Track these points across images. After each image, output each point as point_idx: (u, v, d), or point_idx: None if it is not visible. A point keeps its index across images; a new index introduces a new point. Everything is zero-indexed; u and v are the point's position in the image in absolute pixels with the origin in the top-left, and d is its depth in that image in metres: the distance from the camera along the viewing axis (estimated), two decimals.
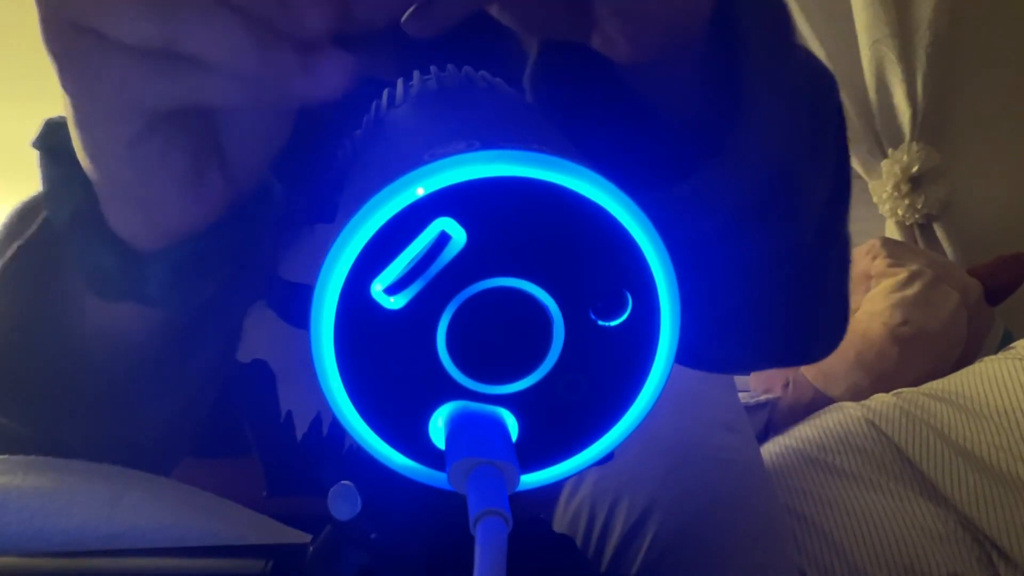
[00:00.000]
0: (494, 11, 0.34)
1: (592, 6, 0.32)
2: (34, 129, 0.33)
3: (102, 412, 0.39)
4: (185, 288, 0.33)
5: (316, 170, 0.37)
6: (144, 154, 0.28)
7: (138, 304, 0.33)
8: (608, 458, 0.25)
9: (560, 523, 0.71)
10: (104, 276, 0.32)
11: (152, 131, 0.27)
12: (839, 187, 0.43)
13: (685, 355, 0.50)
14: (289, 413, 0.45)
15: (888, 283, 1.23)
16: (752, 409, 1.17)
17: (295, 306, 0.44)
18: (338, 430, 0.43)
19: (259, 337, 0.44)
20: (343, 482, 0.28)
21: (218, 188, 0.30)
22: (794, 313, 0.45)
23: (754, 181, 0.36)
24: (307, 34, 0.25)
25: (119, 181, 0.29)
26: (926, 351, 1.18)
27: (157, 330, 0.36)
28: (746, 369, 1.15)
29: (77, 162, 0.30)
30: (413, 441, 0.24)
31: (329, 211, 0.26)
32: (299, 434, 0.44)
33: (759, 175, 0.36)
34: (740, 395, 0.94)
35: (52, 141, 0.32)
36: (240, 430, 0.47)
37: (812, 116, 0.39)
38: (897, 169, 1.49)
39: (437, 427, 0.23)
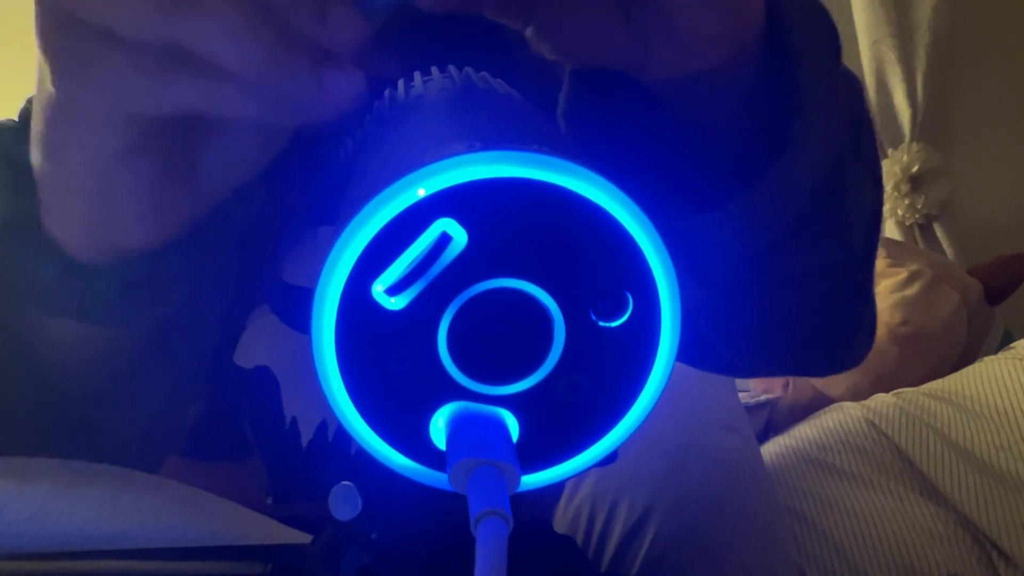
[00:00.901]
0: (531, 39, 0.32)
1: (650, 23, 0.30)
2: None
3: (64, 430, 0.37)
4: (130, 308, 0.31)
5: (317, 171, 0.37)
6: (123, 166, 0.26)
7: (76, 321, 0.31)
8: (611, 459, 0.25)
9: (560, 523, 0.71)
10: (42, 289, 0.30)
11: (137, 146, 0.26)
12: (876, 192, 0.43)
13: (717, 363, 0.50)
14: (294, 419, 0.44)
15: (888, 283, 1.23)
16: (752, 409, 1.17)
17: (298, 310, 0.44)
18: (343, 436, 0.43)
19: (263, 343, 0.44)
20: (343, 482, 0.28)
21: (182, 208, 0.29)
22: (833, 325, 0.45)
23: (806, 194, 0.35)
24: (335, 48, 0.24)
25: (83, 191, 0.27)
26: (926, 351, 1.18)
27: (116, 347, 0.35)
28: (777, 375, 1.15)
29: (15, 167, 0.29)
30: (414, 441, 0.24)
31: (330, 213, 0.25)
32: (304, 440, 0.44)
33: (811, 187, 0.35)
34: (740, 395, 0.94)
35: None
36: (242, 433, 0.47)
37: (853, 124, 0.38)
38: (897, 169, 1.49)
39: (438, 428, 0.23)
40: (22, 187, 0.29)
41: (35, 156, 0.28)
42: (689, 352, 0.49)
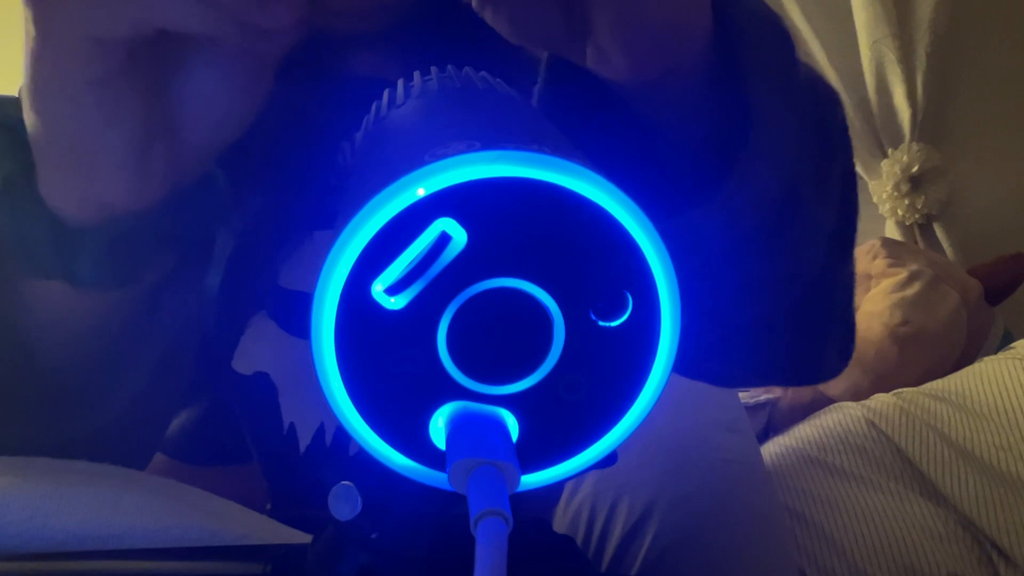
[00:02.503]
0: (488, 18, 0.33)
1: (588, 19, 0.31)
2: None
3: (41, 410, 0.38)
4: (115, 271, 0.32)
5: (316, 175, 0.37)
6: (98, 104, 0.27)
7: (65, 283, 0.32)
8: (611, 460, 0.25)
9: (560, 523, 0.71)
10: (32, 250, 0.31)
11: (111, 77, 0.27)
12: (846, 207, 0.43)
13: (692, 369, 0.50)
14: (292, 425, 0.44)
15: (888, 283, 1.23)
16: (752, 409, 1.17)
17: (296, 315, 0.44)
18: (342, 440, 0.43)
19: (261, 349, 0.44)
20: (343, 482, 0.28)
21: (162, 165, 0.30)
22: (803, 334, 0.45)
23: (761, 204, 0.35)
24: None
25: (67, 135, 0.29)
26: (926, 351, 1.18)
27: (100, 319, 0.35)
28: (754, 386, 1.15)
29: (12, 132, 0.30)
30: (414, 441, 0.24)
31: (329, 216, 0.26)
32: (302, 446, 0.44)
33: (766, 197, 0.35)
34: (740, 395, 0.94)
35: None
36: (242, 438, 0.47)
37: (818, 135, 0.39)
38: (897, 169, 1.49)
39: (438, 427, 0.23)
40: (16, 153, 0.30)
41: (25, 112, 0.29)
42: (688, 366, 0.49)
